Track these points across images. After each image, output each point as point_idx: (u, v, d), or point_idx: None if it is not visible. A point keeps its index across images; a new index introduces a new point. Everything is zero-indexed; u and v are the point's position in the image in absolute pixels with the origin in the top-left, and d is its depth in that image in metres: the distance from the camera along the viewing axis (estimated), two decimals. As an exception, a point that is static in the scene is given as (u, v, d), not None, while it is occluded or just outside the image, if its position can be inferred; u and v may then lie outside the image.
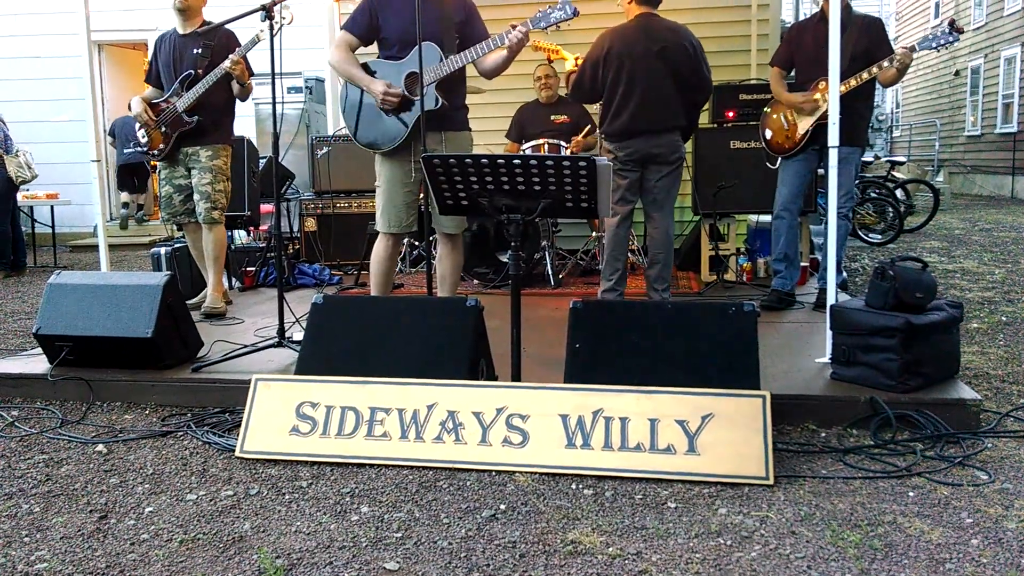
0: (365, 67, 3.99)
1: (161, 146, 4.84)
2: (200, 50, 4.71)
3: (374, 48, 4.12)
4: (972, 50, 17.70)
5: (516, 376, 3.11)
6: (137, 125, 4.93)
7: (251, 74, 4.82)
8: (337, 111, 7.23)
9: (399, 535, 2.38)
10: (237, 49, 4.57)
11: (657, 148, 4.46)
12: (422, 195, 4.13)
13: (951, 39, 4.22)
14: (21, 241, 8.26)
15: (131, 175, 11.14)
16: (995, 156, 16.45)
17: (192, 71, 4.72)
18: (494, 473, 2.77)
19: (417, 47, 3.80)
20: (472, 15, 4.05)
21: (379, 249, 4.14)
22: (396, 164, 4.01)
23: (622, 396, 2.84)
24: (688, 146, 5.72)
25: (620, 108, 4.47)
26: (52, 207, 9.05)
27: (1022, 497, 2.54)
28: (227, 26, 4.44)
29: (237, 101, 4.94)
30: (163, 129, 4.80)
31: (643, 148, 4.45)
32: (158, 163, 5.01)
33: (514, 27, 3.80)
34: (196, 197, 4.87)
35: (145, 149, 4.96)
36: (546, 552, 2.26)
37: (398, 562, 2.23)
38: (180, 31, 4.83)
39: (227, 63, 4.54)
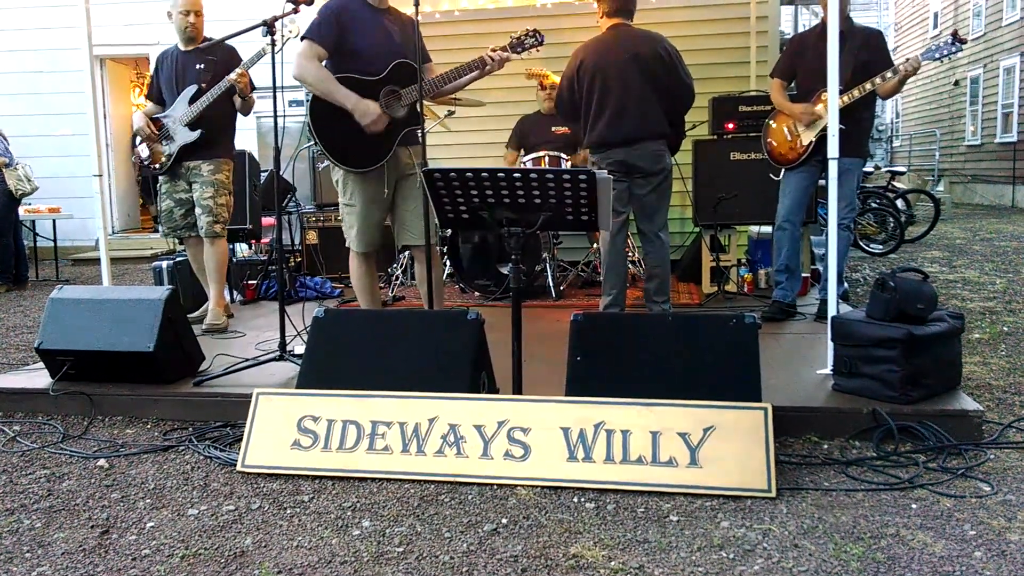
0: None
1: (164, 160, 4.86)
2: (203, 65, 4.74)
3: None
4: (971, 60, 17.76)
5: (517, 389, 3.11)
6: (138, 140, 4.95)
7: (253, 88, 4.85)
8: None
9: (401, 550, 2.38)
10: (243, 62, 4.59)
11: (638, 159, 4.41)
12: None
13: (954, 49, 4.23)
14: (23, 255, 8.27)
15: None
16: (995, 166, 16.47)
17: (196, 86, 4.74)
18: (496, 487, 2.76)
19: (395, 64, 3.85)
20: (421, 38, 4.07)
21: (357, 268, 4.13)
22: (371, 183, 3.98)
23: (624, 409, 2.84)
24: (688, 158, 5.77)
25: (596, 119, 4.45)
26: (54, 221, 9.07)
27: (1025, 509, 2.54)
28: (228, 42, 4.48)
29: (238, 115, 4.97)
30: (166, 144, 4.82)
31: (623, 158, 4.40)
32: (160, 177, 5.03)
33: (495, 51, 3.89)
34: (198, 211, 4.88)
35: (147, 163, 4.98)
36: (548, 566, 2.26)
37: (400, 577, 2.23)
38: (182, 48, 4.87)
39: (233, 75, 4.56)
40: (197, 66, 4.77)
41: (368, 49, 3.89)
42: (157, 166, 4.91)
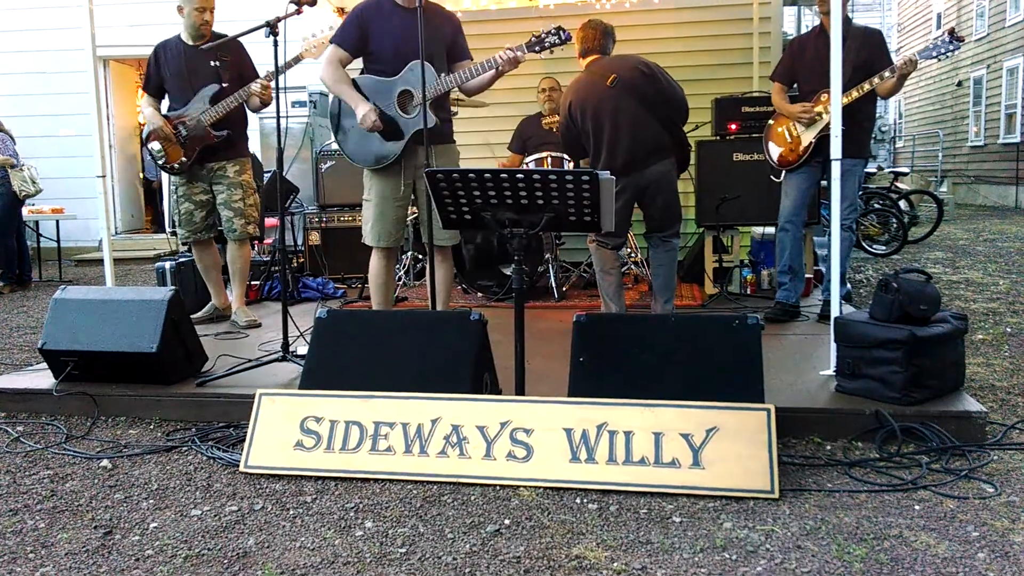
0: (356, 82, 4.02)
1: (183, 159, 4.78)
2: (218, 63, 4.71)
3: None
4: (974, 61, 17.74)
5: (520, 390, 3.11)
6: (150, 138, 4.83)
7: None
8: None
9: (403, 550, 2.38)
10: (270, 72, 4.57)
11: (646, 179, 4.39)
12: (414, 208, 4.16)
13: (951, 48, 4.22)
14: (26, 255, 8.29)
15: None
16: (999, 166, 16.45)
17: (218, 85, 4.71)
18: (498, 488, 2.76)
19: (410, 64, 3.89)
20: (459, 33, 4.13)
21: (375, 264, 4.18)
22: (387, 179, 4.04)
23: (626, 410, 2.84)
24: (691, 158, 5.75)
25: (597, 152, 4.45)
26: (57, 221, 9.09)
27: (1029, 510, 2.53)
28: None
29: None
30: (184, 143, 4.75)
31: (632, 184, 4.38)
32: (174, 179, 4.94)
33: (509, 49, 3.85)
34: (228, 214, 4.87)
35: (162, 163, 4.87)
36: (551, 567, 2.26)
37: (402, 578, 2.23)
38: (189, 42, 4.78)
39: (256, 86, 4.55)
40: (212, 63, 4.72)
41: (386, 50, 3.95)
42: (176, 165, 4.82)
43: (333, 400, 3.03)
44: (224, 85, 4.71)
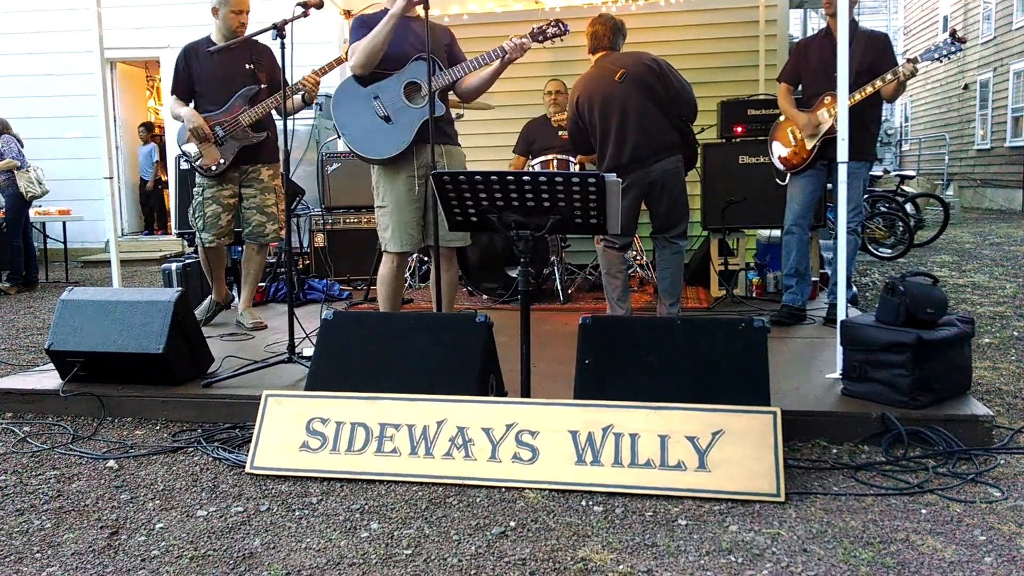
0: (360, 82, 4.02)
1: (221, 161, 4.72)
2: (252, 65, 4.72)
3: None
4: (981, 64, 17.70)
5: (526, 392, 3.11)
6: (187, 139, 4.72)
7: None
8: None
9: (409, 552, 2.38)
10: (316, 68, 4.58)
11: (653, 176, 4.40)
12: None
13: (953, 49, 4.22)
14: (33, 257, 8.32)
15: None
16: (1005, 170, 16.40)
17: (257, 87, 4.71)
18: (504, 489, 2.76)
19: (413, 60, 3.90)
20: (454, 40, 4.16)
21: (386, 269, 4.12)
22: (401, 182, 4.00)
23: (632, 412, 2.84)
24: (696, 161, 5.76)
25: (604, 147, 4.45)
26: (64, 223, 9.12)
27: (1036, 514, 2.52)
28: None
29: None
30: (222, 144, 4.70)
31: (638, 180, 4.39)
32: (201, 180, 4.84)
33: (512, 40, 3.87)
34: (261, 218, 4.88)
35: (197, 164, 4.76)
36: (556, 570, 2.25)
37: (408, 579, 2.23)
38: (220, 43, 4.69)
39: (308, 81, 4.50)
40: (247, 66, 4.72)
41: (389, 53, 3.94)
42: (214, 168, 4.74)
43: (339, 402, 3.03)
44: (263, 87, 4.72)
